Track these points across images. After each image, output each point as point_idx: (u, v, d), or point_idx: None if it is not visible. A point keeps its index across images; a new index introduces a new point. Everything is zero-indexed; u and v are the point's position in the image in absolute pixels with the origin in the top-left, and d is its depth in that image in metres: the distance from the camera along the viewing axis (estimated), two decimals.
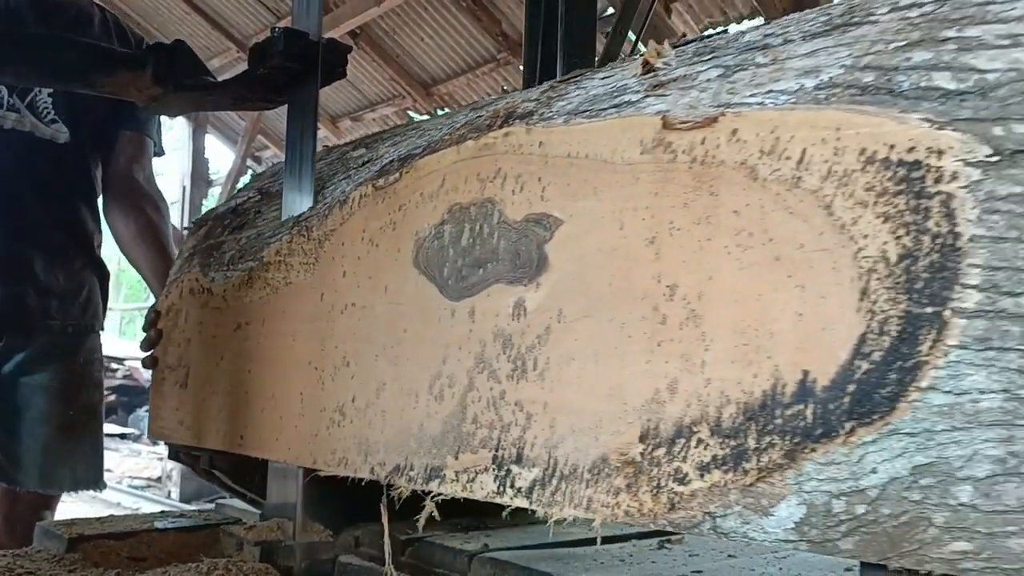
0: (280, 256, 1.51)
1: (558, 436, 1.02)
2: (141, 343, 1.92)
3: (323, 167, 1.68)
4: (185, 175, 10.88)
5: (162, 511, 1.96)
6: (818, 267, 0.82)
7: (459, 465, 1.14)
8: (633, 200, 0.98)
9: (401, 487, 1.22)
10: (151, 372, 1.89)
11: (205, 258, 1.75)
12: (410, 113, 10.17)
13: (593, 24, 2.05)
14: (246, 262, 1.59)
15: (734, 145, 0.90)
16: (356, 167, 1.52)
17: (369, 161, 1.49)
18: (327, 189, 1.55)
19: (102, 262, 2.58)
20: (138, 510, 7.34)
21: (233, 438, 1.58)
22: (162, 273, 2.23)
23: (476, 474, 1.12)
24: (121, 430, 11.74)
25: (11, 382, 2.36)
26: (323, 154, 1.78)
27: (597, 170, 1.03)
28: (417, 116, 9.89)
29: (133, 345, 2.05)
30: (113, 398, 12.00)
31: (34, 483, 2.37)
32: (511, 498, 1.07)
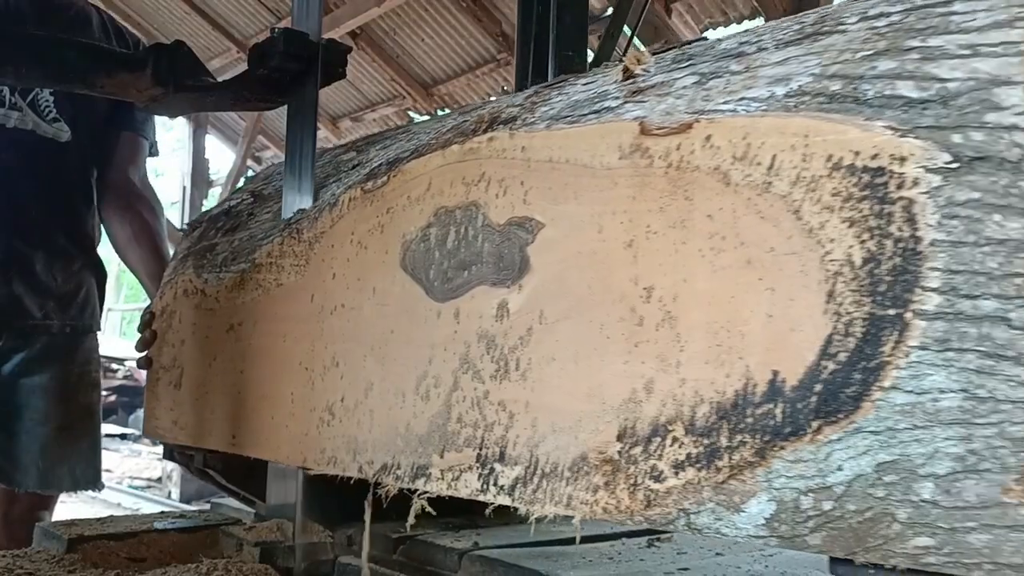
0: (272, 258, 1.53)
1: (539, 435, 1.05)
2: (136, 344, 1.94)
3: (316, 170, 1.70)
4: (185, 175, 10.92)
5: (162, 512, 1.96)
6: (787, 270, 0.84)
7: (444, 464, 1.16)
8: (612, 204, 1.00)
9: (388, 485, 1.24)
10: (146, 372, 1.91)
11: (199, 260, 1.77)
12: (410, 113, 10.19)
13: (585, 26, 2.07)
14: (238, 264, 1.62)
15: (708, 151, 0.92)
16: (347, 170, 1.54)
17: (359, 164, 1.51)
18: (319, 192, 1.57)
19: (100, 262, 2.59)
20: (138, 511, 7.35)
21: (226, 438, 1.60)
22: (157, 275, 2.24)
23: (461, 472, 1.14)
24: (121, 430, 11.76)
25: (10, 383, 2.37)
26: (316, 156, 1.80)
27: (577, 175, 1.05)
28: (417, 116, 9.91)
29: (133, 345, 2.07)
30: (113, 398, 12.02)
31: (33, 483, 2.38)
32: (494, 496, 1.09)
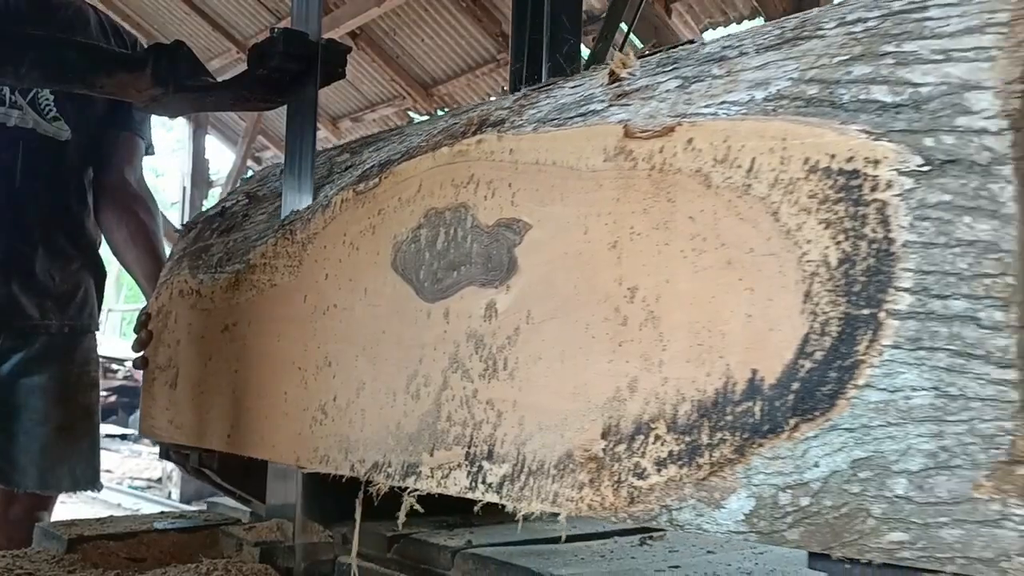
0: (266, 259, 1.55)
1: (526, 433, 1.06)
2: (133, 344, 1.95)
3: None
4: (186, 176, 10.93)
5: (162, 512, 1.96)
6: (766, 271, 0.86)
7: (434, 462, 1.18)
8: (597, 206, 1.02)
9: (380, 483, 1.26)
10: (142, 373, 1.92)
11: (194, 260, 1.78)
12: (410, 114, 10.20)
13: (579, 28, 2.08)
14: (233, 264, 1.63)
15: (690, 153, 0.94)
16: (340, 172, 1.56)
17: (352, 166, 1.53)
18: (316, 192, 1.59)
19: (100, 261, 2.59)
20: (138, 511, 7.36)
21: (221, 437, 1.62)
22: (153, 275, 2.25)
23: (450, 470, 1.15)
24: (121, 431, 11.76)
25: (9, 383, 2.38)
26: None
27: (564, 177, 1.07)
28: (417, 117, 9.91)
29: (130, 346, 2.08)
30: (113, 399, 12.02)
31: (32, 484, 2.38)
32: (482, 493, 1.11)
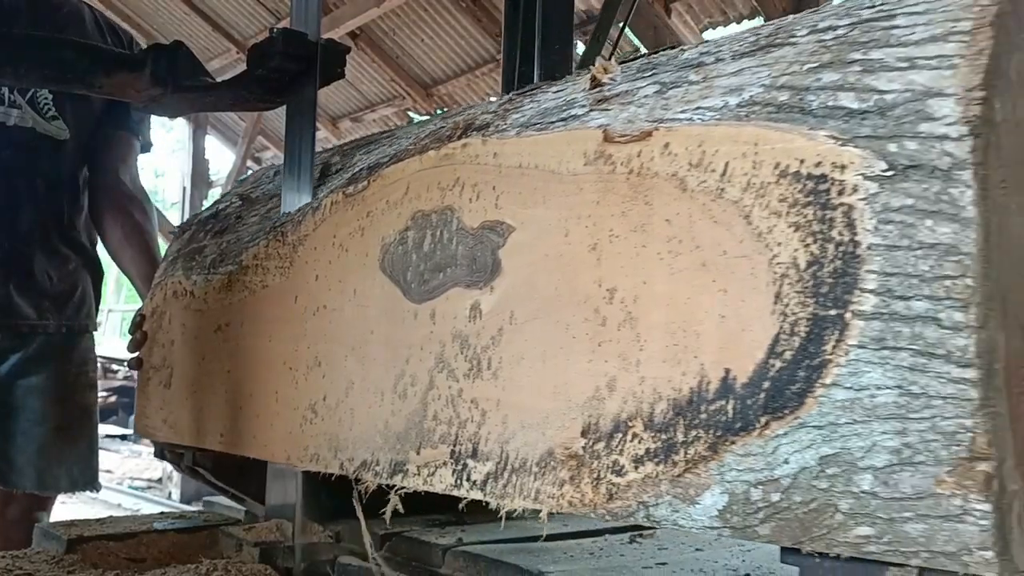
0: (257, 260, 1.57)
1: (509, 432, 1.09)
2: (128, 344, 1.96)
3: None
4: (186, 176, 10.93)
5: (162, 512, 1.96)
6: (739, 272, 0.88)
7: (421, 460, 1.20)
8: (577, 209, 1.04)
9: (368, 481, 1.28)
10: (137, 373, 1.94)
11: (188, 262, 1.80)
12: (410, 114, 10.20)
13: (570, 31, 2.10)
14: (226, 266, 1.65)
15: (666, 158, 0.96)
16: (330, 174, 1.58)
17: (342, 169, 1.55)
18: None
19: (98, 261, 2.57)
20: (138, 511, 7.37)
21: (214, 436, 1.64)
22: (148, 276, 2.24)
23: (436, 468, 1.18)
24: (121, 431, 11.77)
25: (6, 384, 2.36)
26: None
27: (546, 180, 1.09)
28: (417, 117, 9.93)
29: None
30: (113, 399, 12.03)
31: (30, 484, 2.37)
32: (467, 491, 1.13)
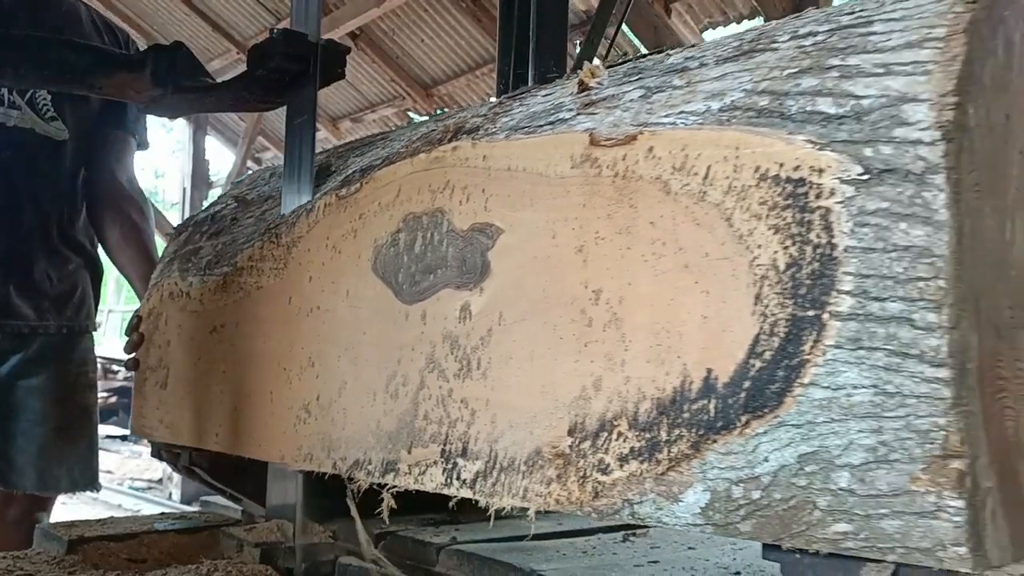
0: (252, 261, 1.58)
1: (498, 431, 1.10)
2: (124, 346, 1.97)
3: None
4: (186, 176, 10.95)
5: (162, 513, 1.97)
6: (720, 274, 0.90)
7: (412, 459, 1.22)
8: (564, 211, 1.06)
9: (361, 480, 1.30)
10: (134, 374, 1.95)
11: (184, 263, 1.82)
12: (410, 114, 10.21)
13: (564, 33, 2.11)
14: (222, 267, 1.67)
15: (650, 161, 0.97)
16: (324, 176, 1.59)
17: (336, 171, 1.57)
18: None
19: (97, 261, 2.58)
20: (139, 512, 7.38)
21: (209, 436, 1.65)
22: (145, 276, 2.24)
23: (427, 467, 1.19)
24: (122, 432, 11.75)
25: (7, 385, 2.37)
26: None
27: (534, 183, 1.10)
28: (417, 117, 9.94)
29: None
30: (114, 400, 12.03)
31: (31, 485, 2.37)
32: (457, 489, 1.14)
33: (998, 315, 0.81)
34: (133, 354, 1.95)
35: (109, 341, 12.13)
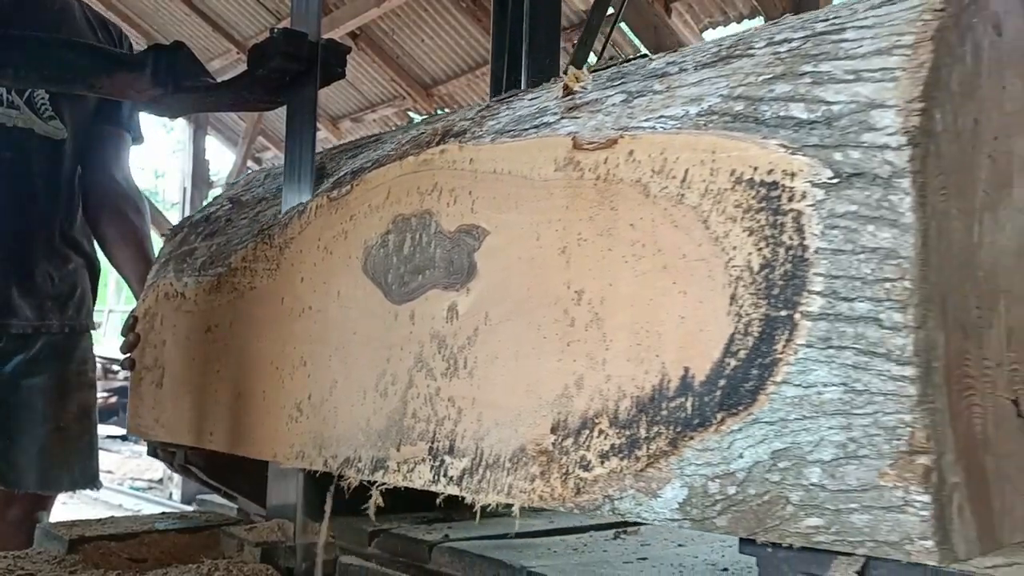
0: (246, 262, 1.61)
1: (484, 429, 1.12)
2: (121, 346, 1.99)
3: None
4: (186, 176, 10.95)
5: (163, 512, 1.97)
6: (697, 275, 0.92)
7: (400, 456, 1.24)
8: (548, 213, 1.08)
9: (351, 478, 1.32)
10: (130, 373, 1.97)
11: (179, 264, 1.84)
12: (410, 114, 10.23)
13: (557, 35, 2.13)
14: (216, 268, 1.69)
15: (631, 164, 1.00)
16: (319, 178, 1.61)
17: (330, 173, 1.59)
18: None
19: (95, 259, 2.57)
20: (140, 512, 7.39)
21: (204, 435, 1.68)
22: (142, 277, 2.25)
23: (415, 465, 1.21)
24: (123, 431, 11.74)
25: (9, 385, 2.36)
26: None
27: (519, 185, 1.13)
28: (417, 117, 9.95)
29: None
30: (114, 400, 12.03)
31: (32, 484, 2.36)
32: (444, 486, 1.17)
33: (965, 315, 0.83)
34: (129, 354, 1.97)
35: (109, 341, 12.13)
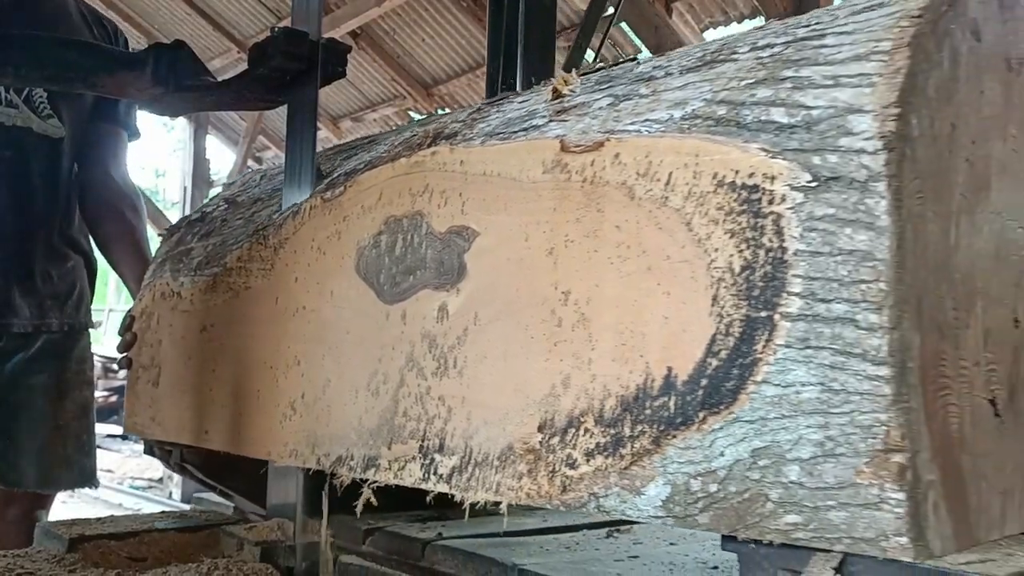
0: (241, 262, 1.62)
1: (473, 427, 1.14)
2: (118, 345, 2.00)
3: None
4: (186, 176, 10.96)
5: (163, 511, 1.98)
6: (680, 276, 0.93)
7: (391, 455, 1.25)
8: (536, 215, 1.10)
9: (343, 476, 1.34)
10: (127, 372, 1.99)
11: (175, 264, 1.86)
12: (411, 113, 10.24)
13: (552, 35, 2.14)
14: (211, 268, 1.71)
15: (616, 167, 1.01)
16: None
17: (324, 174, 1.60)
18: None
19: (92, 257, 2.57)
20: (140, 511, 7.39)
21: (199, 433, 1.69)
22: (139, 276, 2.24)
23: (406, 463, 1.23)
24: (122, 431, 11.74)
25: (9, 384, 2.36)
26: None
27: (508, 187, 1.14)
28: (418, 116, 9.96)
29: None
30: (115, 399, 12.03)
31: (32, 483, 2.37)
32: (434, 484, 1.18)
33: (941, 316, 0.84)
34: (126, 353, 1.98)
35: (109, 340, 12.14)
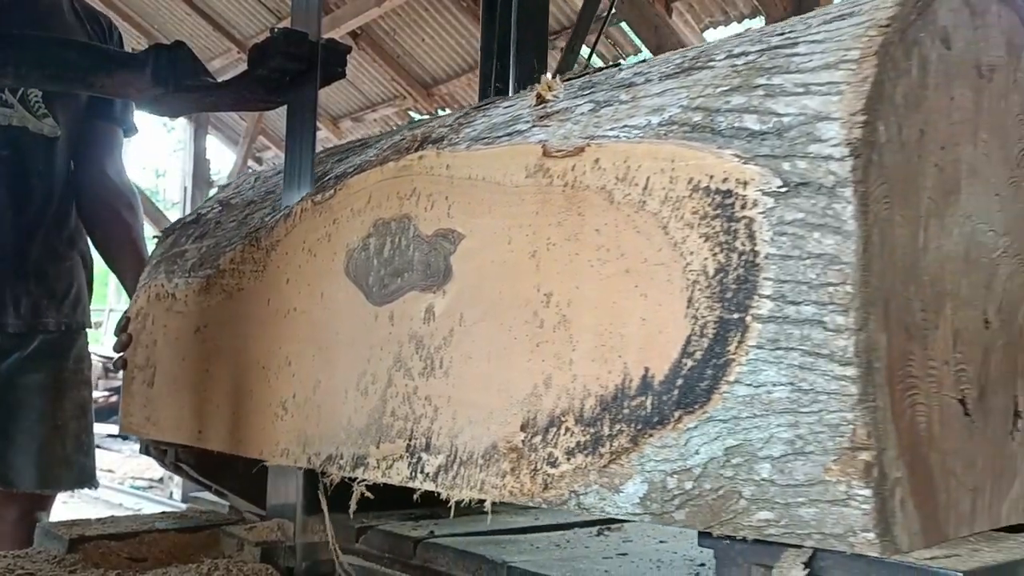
0: (234, 264, 1.65)
1: (459, 427, 1.16)
2: (114, 345, 2.02)
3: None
4: (186, 176, 10.97)
5: (163, 512, 1.99)
6: (657, 278, 0.96)
7: (380, 454, 1.28)
8: (519, 218, 1.12)
9: (333, 474, 1.36)
10: (123, 373, 2.01)
11: (170, 265, 1.88)
12: (411, 113, 10.26)
13: (545, 37, 2.16)
14: (205, 269, 1.73)
15: (596, 172, 1.03)
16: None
17: (318, 177, 1.63)
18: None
19: (89, 256, 2.58)
20: (140, 511, 7.40)
21: (193, 433, 1.71)
22: (136, 274, 2.23)
23: (393, 461, 1.25)
24: (119, 430, 11.72)
25: (6, 384, 2.37)
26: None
27: (492, 191, 1.17)
28: (418, 116, 9.98)
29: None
30: (115, 399, 12.06)
31: (31, 484, 2.37)
32: (421, 482, 1.20)
33: (909, 317, 0.86)
34: (122, 353, 2.00)
35: (109, 340, 12.15)
